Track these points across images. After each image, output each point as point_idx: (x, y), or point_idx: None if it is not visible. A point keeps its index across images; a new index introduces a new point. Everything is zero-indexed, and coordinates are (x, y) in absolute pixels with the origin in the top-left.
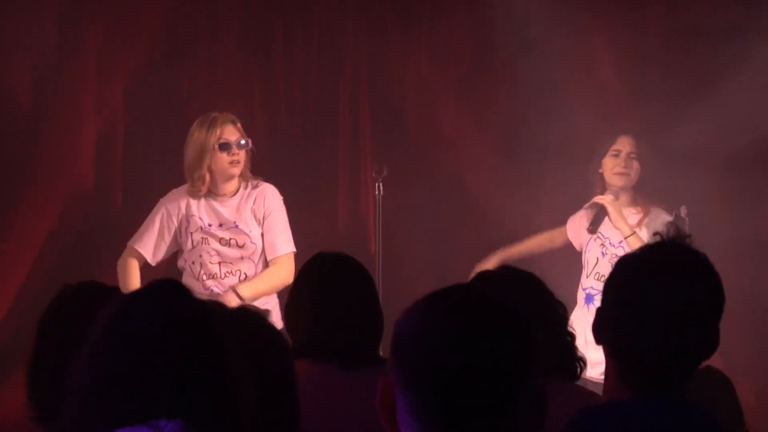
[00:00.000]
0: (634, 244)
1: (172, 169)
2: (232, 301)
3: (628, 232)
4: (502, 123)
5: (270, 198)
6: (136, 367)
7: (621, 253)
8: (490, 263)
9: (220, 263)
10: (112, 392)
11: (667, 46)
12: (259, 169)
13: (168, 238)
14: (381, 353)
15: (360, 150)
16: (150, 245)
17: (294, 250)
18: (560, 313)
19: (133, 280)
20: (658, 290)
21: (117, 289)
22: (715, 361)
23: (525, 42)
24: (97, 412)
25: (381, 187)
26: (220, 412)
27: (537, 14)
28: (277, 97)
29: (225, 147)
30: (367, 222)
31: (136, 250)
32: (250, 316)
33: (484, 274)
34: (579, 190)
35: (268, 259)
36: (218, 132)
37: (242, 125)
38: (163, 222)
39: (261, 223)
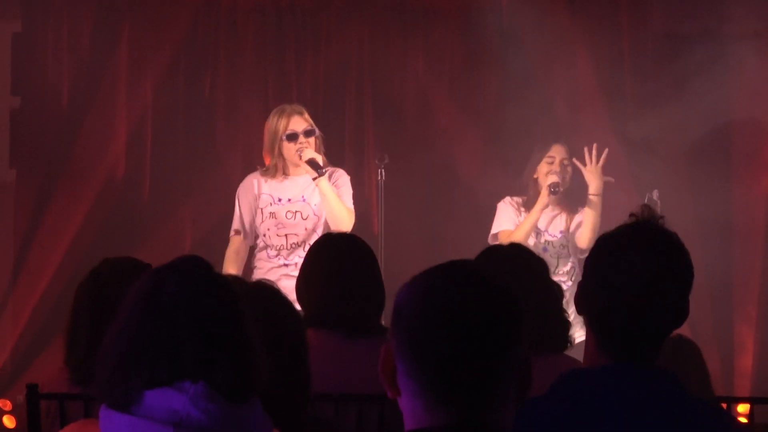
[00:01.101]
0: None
1: (196, 161)
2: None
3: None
4: (491, 115)
5: (339, 173)
6: (162, 335)
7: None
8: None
9: (286, 235)
10: (141, 357)
11: (640, 48)
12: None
13: (250, 218)
14: (383, 323)
15: (364, 140)
16: (239, 228)
17: (351, 208)
18: (554, 291)
19: (229, 259)
20: (632, 265)
21: (150, 266)
22: (683, 330)
23: (512, 43)
24: (127, 376)
25: (383, 174)
26: (239, 375)
27: (522, 19)
28: (289, 94)
29: (292, 137)
30: (371, 205)
31: (231, 238)
32: (265, 289)
33: (491, 249)
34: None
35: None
36: (285, 122)
37: (258, 121)
38: (242, 205)
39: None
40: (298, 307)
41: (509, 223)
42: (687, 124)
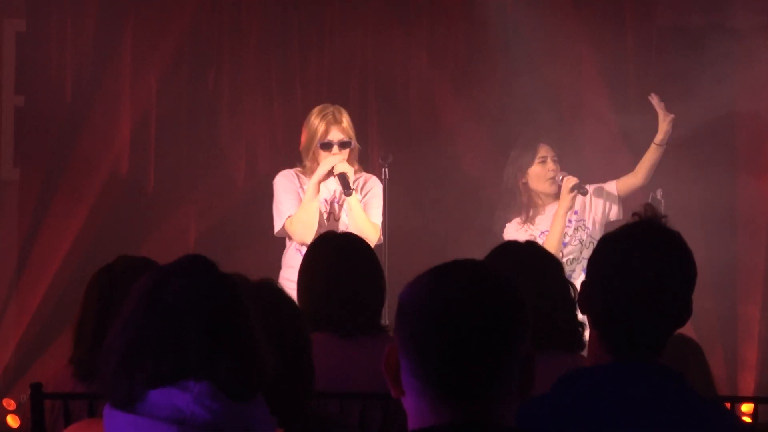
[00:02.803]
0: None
1: (200, 156)
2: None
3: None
4: (496, 113)
5: (372, 181)
6: (166, 333)
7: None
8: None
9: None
10: (144, 355)
11: (644, 42)
12: (277, 156)
13: (297, 201)
14: (386, 322)
15: (368, 138)
16: (294, 207)
17: (379, 223)
18: (564, 289)
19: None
20: (635, 265)
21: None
22: (687, 328)
23: (515, 40)
24: (130, 373)
25: (387, 172)
26: (243, 373)
27: (526, 13)
28: (293, 90)
29: (327, 146)
30: None
31: (291, 216)
32: (269, 288)
33: (504, 246)
34: (564, 170)
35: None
36: (324, 129)
37: (262, 117)
38: (288, 192)
39: (361, 199)
40: None
41: (517, 233)
42: (691, 118)
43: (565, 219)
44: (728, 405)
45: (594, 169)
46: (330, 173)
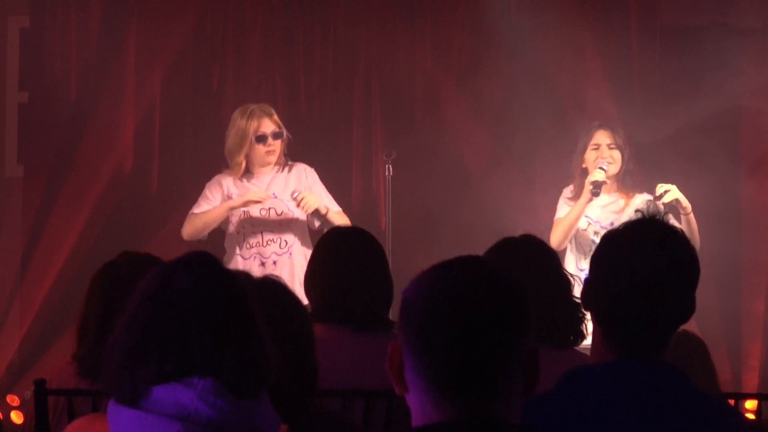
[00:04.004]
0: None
1: (204, 155)
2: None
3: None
4: (499, 110)
5: (309, 173)
6: (171, 329)
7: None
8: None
9: (262, 232)
10: (148, 351)
11: (648, 41)
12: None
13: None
14: (391, 318)
15: (372, 135)
16: (205, 207)
17: (337, 207)
18: (564, 284)
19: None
20: (638, 262)
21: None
22: (691, 325)
23: (520, 38)
24: (134, 369)
25: (391, 169)
26: (248, 370)
27: (530, 12)
28: (297, 88)
29: (261, 139)
30: (378, 201)
31: (194, 213)
32: (273, 285)
33: (503, 242)
34: (567, 168)
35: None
36: (255, 124)
37: None
38: (211, 198)
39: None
40: (305, 301)
41: (565, 211)
42: (695, 116)
43: (580, 209)
44: (732, 402)
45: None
46: (245, 205)
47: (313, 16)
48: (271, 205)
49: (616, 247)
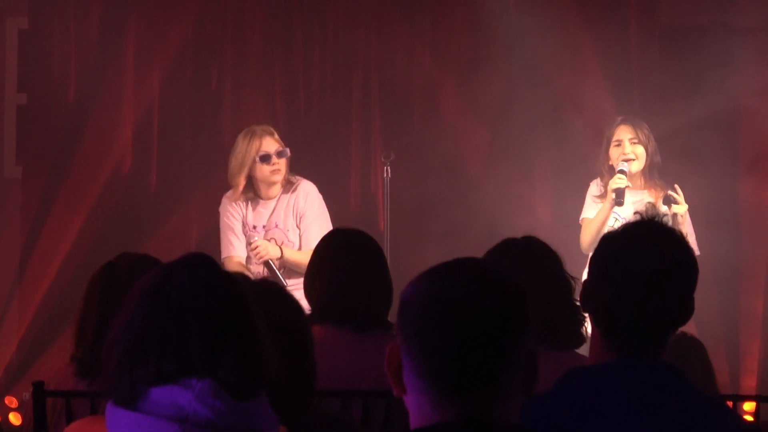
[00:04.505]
0: None
1: (202, 155)
2: (273, 256)
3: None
4: (498, 111)
5: (304, 198)
6: (169, 330)
7: None
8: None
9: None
10: (147, 353)
11: (648, 41)
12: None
13: (241, 237)
14: (390, 320)
15: (370, 136)
16: (235, 245)
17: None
18: (564, 285)
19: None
20: (636, 263)
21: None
22: (690, 326)
23: (518, 38)
24: (132, 370)
25: (389, 170)
26: (246, 371)
27: (529, 12)
28: (296, 88)
29: (265, 159)
30: (377, 202)
31: (229, 258)
32: (271, 287)
33: (505, 243)
34: (567, 169)
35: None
36: (257, 144)
37: (264, 115)
38: (229, 225)
39: (299, 221)
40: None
41: (592, 210)
42: (694, 116)
43: (607, 213)
44: (730, 403)
45: (595, 171)
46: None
47: (312, 16)
48: (272, 236)
49: (615, 248)
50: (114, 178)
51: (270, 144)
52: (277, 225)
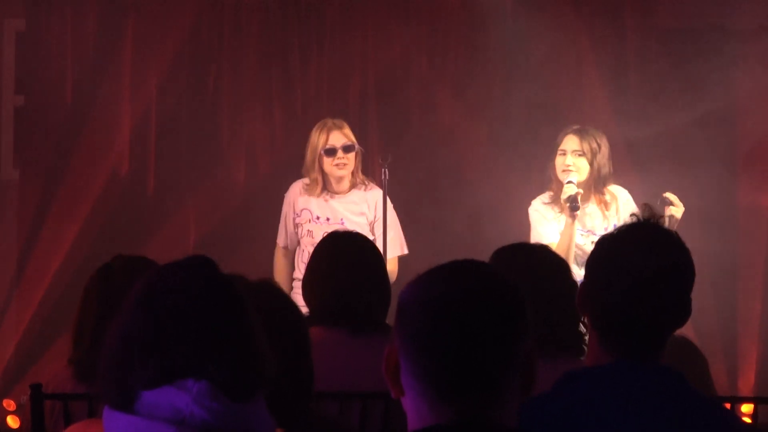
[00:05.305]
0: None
1: (200, 158)
2: None
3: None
4: (495, 115)
5: (379, 204)
6: (165, 332)
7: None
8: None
9: None
10: (143, 355)
11: (645, 43)
12: (277, 158)
13: (291, 232)
14: (388, 322)
15: (368, 139)
16: (283, 236)
17: (401, 253)
18: (570, 293)
19: (278, 265)
20: (632, 265)
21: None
22: (687, 328)
23: (516, 42)
24: (127, 372)
25: (387, 173)
26: (243, 372)
27: (526, 16)
28: (293, 92)
29: (331, 152)
30: None
31: (278, 245)
32: (269, 289)
33: (511, 248)
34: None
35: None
36: (325, 137)
37: (262, 118)
38: (285, 215)
39: (371, 226)
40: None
41: (549, 232)
42: (691, 118)
43: (570, 229)
44: (728, 405)
45: None
46: None
47: (309, 20)
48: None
49: (611, 251)
50: (111, 181)
51: (337, 138)
52: (342, 221)
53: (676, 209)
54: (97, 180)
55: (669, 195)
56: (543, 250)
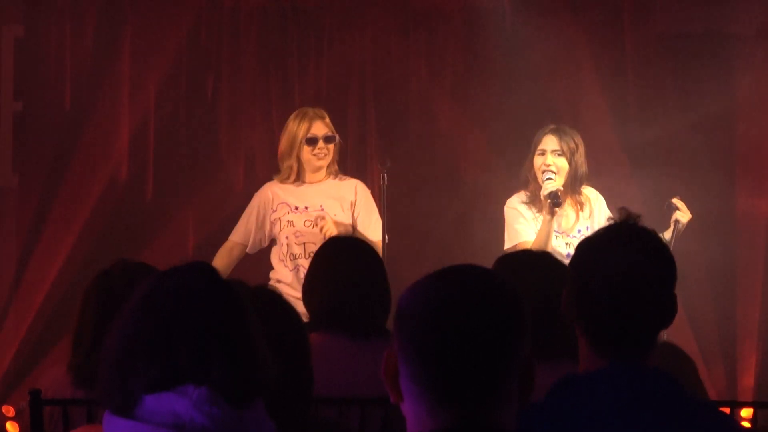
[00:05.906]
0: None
1: (199, 163)
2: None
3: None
4: (493, 120)
5: (360, 189)
6: (165, 337)
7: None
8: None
9: (304, 243)
10: (142, 360)
11: (643, 49)
12: (275, 163)
13: (260, 226)
14: (388, 327)
15: (367, 144)
16: (241, 233)
17: (381, 238)
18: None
19: (219, 260)
20: (611, 266)
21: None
22: (686, 334)
23: (514, 47)
24: (128, 379)
25: (386, 178)
26: (242, 378)
27: (525, 21)
28: (292, 97)
29: (312, 141)
30: None
31: (231, 240)
32: (268, 294)
33: (506, 257)
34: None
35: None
36: (306, 126)
37: (260, 122)
38: (256, 212)
39: (352, 210)
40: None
41: (525, 230)
42: (689, 123)
43: (549, 226)
44: (728, 410)
45: (591, 177)
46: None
47: (308, 25)
48: (317, 217)
49: (589, 253)
50: (110, 187)
51: (319, 128)
52: (322, 207)
53: (682, 215)
54: (96, 185)
55: (676, 201)
56: (545, 255)
